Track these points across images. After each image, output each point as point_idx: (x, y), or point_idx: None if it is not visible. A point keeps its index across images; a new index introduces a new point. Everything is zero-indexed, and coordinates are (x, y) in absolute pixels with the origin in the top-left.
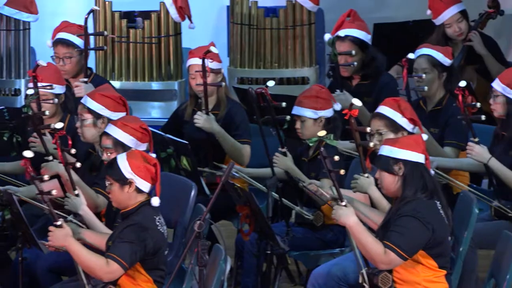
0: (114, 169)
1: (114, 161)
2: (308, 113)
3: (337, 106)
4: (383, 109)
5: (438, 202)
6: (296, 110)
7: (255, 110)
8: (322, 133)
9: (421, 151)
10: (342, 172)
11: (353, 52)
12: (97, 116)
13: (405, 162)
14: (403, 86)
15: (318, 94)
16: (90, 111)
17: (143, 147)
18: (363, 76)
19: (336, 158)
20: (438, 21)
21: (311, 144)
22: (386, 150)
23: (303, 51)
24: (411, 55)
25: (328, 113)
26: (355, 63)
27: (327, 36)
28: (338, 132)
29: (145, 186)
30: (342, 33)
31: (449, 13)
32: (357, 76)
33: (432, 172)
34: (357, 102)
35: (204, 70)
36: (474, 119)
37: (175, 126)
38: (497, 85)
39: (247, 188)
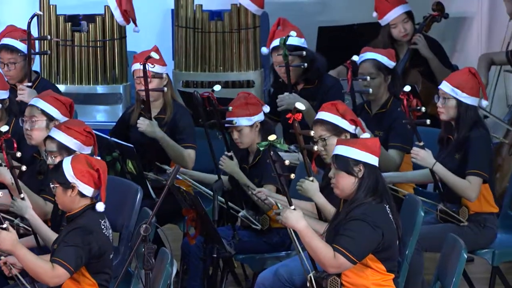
0: (58, 172)
1: (59, 164)
2: (243, 121)
3: (266, 108)
4: (322, 115)
5: (387, 206)
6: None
7: (201, 113)
8: (272, 137)
9: (377, 155)
10: (292, 176)
11: (304, 53)
12: (50, 118)
13: (365, 164)
14: (348, 88)
15: (247, 100)
16: (44, 113)
17: (87, 150)
18: (306, 81)
19: (287, 162)
20: (383, 21)
21: (261, 149)
22: (345, 151)
23: (248, 54)
24: (355, 57)
25: (261, 116)
26: (305, 64)
27: (265, 50)
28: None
29: (88, 190)
30: (275, 43)
31: (394, 14)
32: (301, 81)
33: None
34: (300, 106)
35: (145, 75)
36: (419, 123)
37: (122, 130)
38: (446, 87)
39: (193, 191)
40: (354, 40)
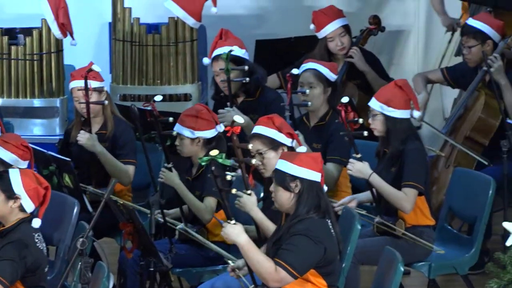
0: (3, 180)
1: (5, 173)
2: (186, 132)
3: (220, 128)
4: (259, 129)
5: (329, 221)
6: (177, 127)
7: (138, 126)
8: (214, 152)
9: (318, 170)
10: (234, 191)
11: (246, 68)
12: None
13: (302, 180)
14: (287, 102)
15: (198, 114)
16: None
17: (24, 164)
18: (246, 93)
19: (228, 177)
20: (321, 34)
21: (203, 164)
22: (284, 166)
23: (186, 67)
24: (295, 71)
25: (208, 133)
26: (247, 79)
27: (206, 60)
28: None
29: (30, 206)
30: (216, 52)
31: (332, 27)
32: (241, 94)
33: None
34: (238, 119)
35: (86, 89)
36: (356, 135)
37: (65, 144)
38: (374, 103)
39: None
40: (292, 53)
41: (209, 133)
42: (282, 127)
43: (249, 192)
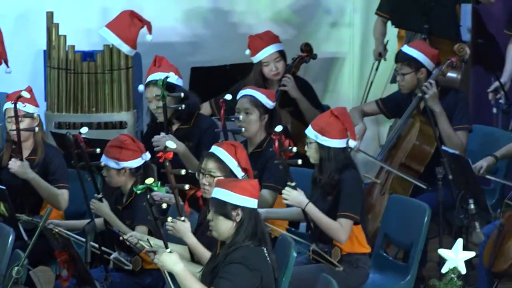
0: None
1: None
2: (111, 163)
3: (146, 156)
4: (220, 152)
5: (265, 249)
6: (103, 158)
7: (73, 155)
8: (150, 180)
9: (256, 197)
10: (169, 219)
11: (182, 94)
12: None
13: (243, 209)
14: (221, 127)
15: (122, 144)
16: None
17: None
18: (181, 121)
19: (164, 205)
20: (256, 58)
21: (138, 192)
22: (224, 194)
23: (121, 95)
24: (228, 96)
25: (133, 163)
26: (183, 106)
27: (141, 87)
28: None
29: None
30: (149, 78)
31: (267, 52)
32: (176, 121)
33: None
34: (171, 144)
35: (16, 114)
36: (291, 163)
37: None
38: (309, 132)
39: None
40: (227, 80)
41: (135, 163)
42: (241, 159)
43: (182, 218)
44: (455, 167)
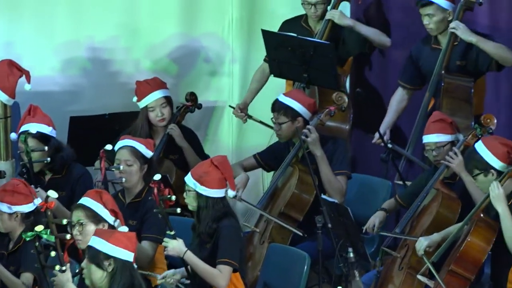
0: None
1: None
2: (3, 207)
3: (37, 201)
4: (85, 200)
5: None
6: None
7: None
8: (39, 228)
9: (132, 250)
10: (57, 267)
11: (46, 148)
12: None
13: (116, 259)
14: (102, 178)
15: (14, 188)
16: None
17: None
18: (53, 171)
19: (53, 253)
20: (142, 103)
21: (27, 239)
22: (99, 243)
23: None
24: (108, 146)
25: (25, 208)
26: (48, 159)
27: (13, 135)
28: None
29: None
30: (22, 128)
31: (153, 97)
32: (47, 171)
33: None
34: (52, 193)
35: None
36: (170, 211)
37: None
38: (188, 180)
39: None
40: (106, 129)
41: (27, 208)
42: (107, 203)
43: (63, 268)
44: (334, 216)
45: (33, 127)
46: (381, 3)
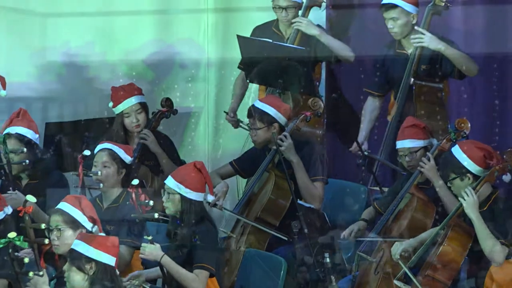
0: None
1: None
2: None
3: (8, 210)
4: (63, 205)
5: None
6: None
7: None
8: (12, 234)
9: (114, 254)
10: (31, 274)
11: (24, 149)
12: None
13: (97, 263)
14: (79, 183)
15: None
16: None
17: None
18: (30, 176)
19: (26, 260)
20: (117, 109)
21: (0, 246)
22: (81, 247)
23: None
24: (86, 152)
25: None
26: (27, 161)
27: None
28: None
29: None
30: (9, 130)
31: (129, 103)
32: (25, 176)
33: None
34: (31, 198)
35: None
36: (147, 217)
37: None
38: (170, 182)
39: None
40: (82, 134)
41: None
42: (86, 209)
43: (41, 273)
44: (310, 221)
45: (19, 131)
46: (356, 9)
